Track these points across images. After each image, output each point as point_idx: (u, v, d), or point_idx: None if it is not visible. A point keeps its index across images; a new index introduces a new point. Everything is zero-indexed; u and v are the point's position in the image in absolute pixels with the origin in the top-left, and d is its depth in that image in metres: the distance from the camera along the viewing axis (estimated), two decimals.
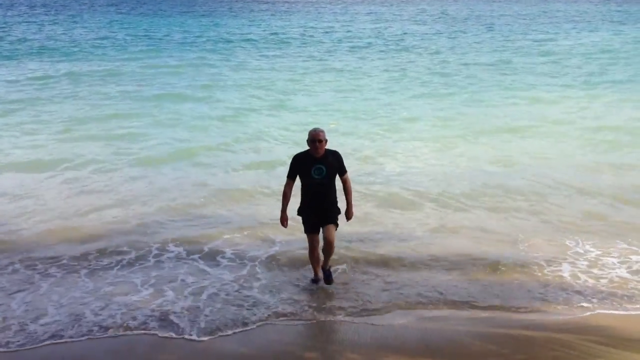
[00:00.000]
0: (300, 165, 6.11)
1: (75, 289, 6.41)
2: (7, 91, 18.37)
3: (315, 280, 6.59)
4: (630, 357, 4.96)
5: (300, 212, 6.34)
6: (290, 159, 6.25)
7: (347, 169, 6.30)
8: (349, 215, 6.39)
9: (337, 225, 6.25)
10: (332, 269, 6.61)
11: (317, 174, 6.05)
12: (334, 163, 6.13)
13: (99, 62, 24.52)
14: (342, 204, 6.33)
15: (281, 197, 6.24)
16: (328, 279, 6.47)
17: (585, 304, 6.09)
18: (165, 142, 13.00)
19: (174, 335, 5.52)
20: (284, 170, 6.28)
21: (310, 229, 6.26)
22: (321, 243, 6.27)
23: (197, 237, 7.79)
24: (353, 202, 6.43)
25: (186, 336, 5.49)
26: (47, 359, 5.18)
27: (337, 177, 6.22)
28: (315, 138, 6.00)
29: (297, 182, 6.20)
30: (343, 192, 6.31)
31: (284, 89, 19.59)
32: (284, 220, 6.26)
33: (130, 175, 10.63)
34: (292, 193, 6.18)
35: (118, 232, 7.97)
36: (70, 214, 8.64)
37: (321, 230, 6.22)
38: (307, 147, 6.17)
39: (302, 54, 28.48)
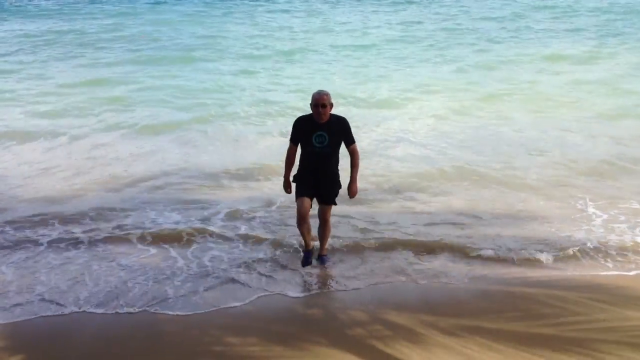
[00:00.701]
0: (302, 130, 5.62)
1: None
2: None
3: (306, 258, 6.00)
4: (626, 314, 4.98)
5: (296, 179, 5.84)
6: (293, 122, 5.76)
7: (354, 138, 5.73)
8: (352, 191, 5.75)
9: (335, 204, 5.87)
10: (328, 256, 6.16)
11: (319, 142, 5.55)
12: (339, 131, 5.60)
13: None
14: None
15: (284, 161, 5.80)
16: (324, 262, 6.06)
17: (584, 263, 6.08)
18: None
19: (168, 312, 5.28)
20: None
21: (303, 192, 5.71)
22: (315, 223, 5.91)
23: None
24: (358, 177, 5.79)
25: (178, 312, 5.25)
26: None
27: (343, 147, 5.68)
28: (319, 102, 5.45)
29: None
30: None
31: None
32: (287, 186, 5.87)
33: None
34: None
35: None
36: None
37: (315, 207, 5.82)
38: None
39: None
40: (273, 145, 10.03)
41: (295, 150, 5.76)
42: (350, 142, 5.67)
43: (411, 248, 6.41)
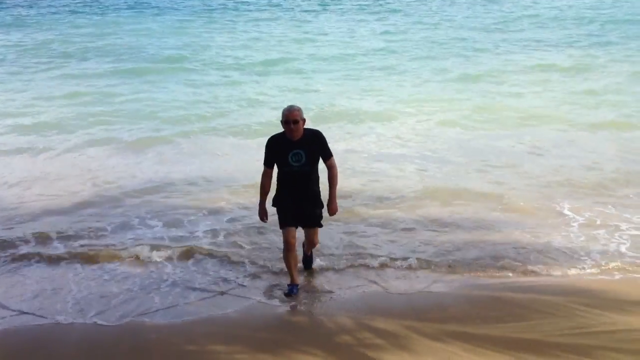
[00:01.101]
0: (275, 151, 5.27)
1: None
2: None
3: (290, 289, 5.56)
4: (612, 318, 5.02)
5: (275, 202, 5.50)
6: (265, 144, 5.37)
7: (331, 151, 5.40)
8: (331, 209, 5.48)
9: (321, 226, 5.63)
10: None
11: (295, 161, 5.19)
12: (315, 146, 5.25)
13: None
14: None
15: (259, 189, 5.46)
16: (309, 263, 6.00)
17: (571, 267, 6.12)
18: None
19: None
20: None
21: (287, 222, 5.38)
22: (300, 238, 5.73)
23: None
24: (337, 192, 5.53)
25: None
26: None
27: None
28: (290, 118, 5.11)
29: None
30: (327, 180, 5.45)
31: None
32: (263, 214, 5.50)
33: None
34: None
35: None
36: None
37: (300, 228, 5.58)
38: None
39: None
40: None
41: (271, 175, 5.42)
42: (327, 156, 5.35)
43: (395, 256, 6.41)
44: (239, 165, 9.67)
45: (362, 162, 9.73)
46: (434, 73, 17.15)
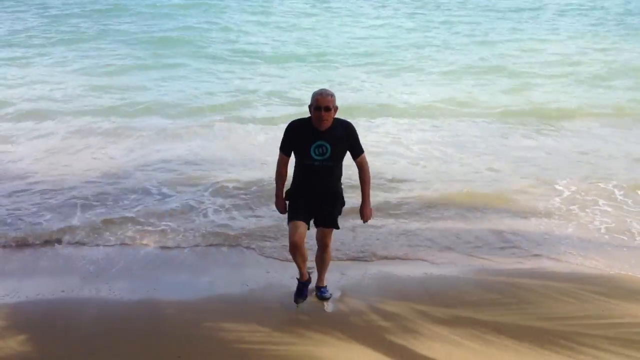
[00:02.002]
0: (296, 139, 4.60)
1: None
2: None
3: (300, 291, 5.01)
4: (627, 307, 5.00)
5: (289, 195, 4.85)
6: (285, 127, 4.71)
7: (363, 148, 4.75)
8: (366, 213, 4.81)
9: (337, 227, 4.86)
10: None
11: (318, 154, 4.53)
12: (344, 140, 4.59)
13: None
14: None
15: (274, 177, 4.87)
16: (323, 294, 5.13)
17: (584, 256, 6.09)
18: None
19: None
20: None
21: (297, 216, 4.69)
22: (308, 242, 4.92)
23: None
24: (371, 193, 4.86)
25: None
26: None
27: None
28: (321, 104, 4.42)
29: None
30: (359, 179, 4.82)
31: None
32: (282, 206, 4.87)
33: None
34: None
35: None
36: None
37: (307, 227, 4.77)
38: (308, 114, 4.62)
39: None
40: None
41: (287, 162, 4.77)
42: (358, 152, 4.70)
43: (406, 241, 6.45)
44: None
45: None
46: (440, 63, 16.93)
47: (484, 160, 9.15)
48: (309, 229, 4.76)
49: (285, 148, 4.70)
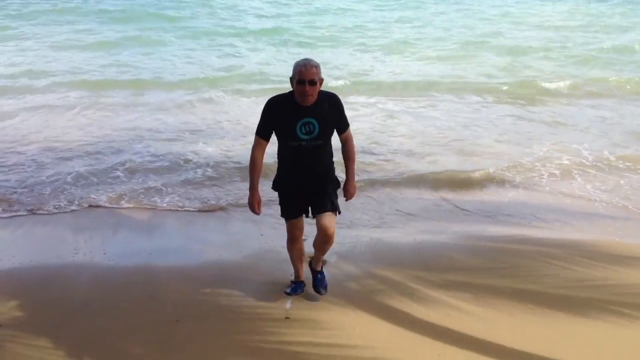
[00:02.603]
0: (278, 118, 4.03)
1: None
2: None
3: (294, 288, 4.65)
4: (619, 271, 5.12)
5: (276, 185, 4.36)
6: (263, 107, 4.08)
7: (349, 121, 4.28)
8: (349, 191, 4.41)
9: (338, 211, 4.32)
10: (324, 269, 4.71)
11: (306, 133, 4.00)
12: (332, 115, 4.08)
13: None
14: None
15: (248, 167, 4.19)
16: (319, 285, 4.57)
17: (574, 221, 6.24)
18: None
19: None
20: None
21: (291, 212, 4.30)
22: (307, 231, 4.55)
23: None
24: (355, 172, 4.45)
25: None
26: None
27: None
28: (305, 77, 3.86)
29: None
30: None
31: None
32: (255, 202, 4.20)
33: None
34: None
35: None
36: None
37: (310, 216, 4.36)
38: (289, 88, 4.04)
39: None
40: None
41: (264, 149, 4.14)
42: (344, 127, 4.22)
43: (397, 207, 6.52)
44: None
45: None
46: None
47: (472, 134, 9.25)
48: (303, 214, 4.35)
49: (264, 131, 4.09)
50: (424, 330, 4.21)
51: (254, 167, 4.15)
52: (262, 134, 4.10)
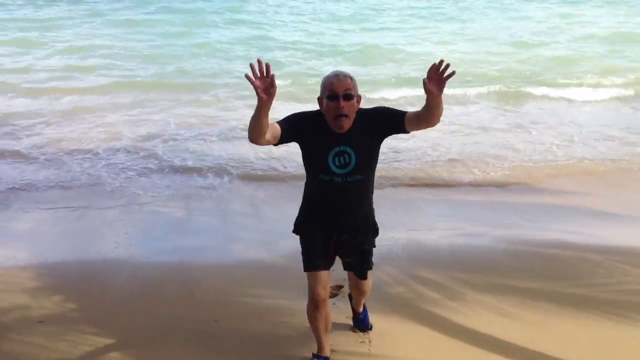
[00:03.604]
0: (309, 136, 3.17)
1: None
2: None
3: None
4: None
5: (299, 227, 3.51)
6: (290, 115, 3.23)
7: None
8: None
9: (370, 268, 3.59)
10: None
11: (340, 165, 3.16)
12: (374, 134, 3.20)
13: None
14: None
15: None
16: (359, 325, 4.02)
17: (611, 226, 6.07)
18: None
19: None
20: None
21: (315, 263, 3.38)
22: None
23: None
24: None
25: None
26: None
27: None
28: (338, 90, 3.03)
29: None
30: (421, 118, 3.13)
31: None
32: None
33: None
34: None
35: None
36: None
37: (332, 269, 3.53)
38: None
39: None
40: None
41: (273, 128, 3.05)
42: (401, 114, 3.17)
43: (431, 210, 6.50)
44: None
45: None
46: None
47: (508, 134, 9.13)
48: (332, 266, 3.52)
49: (285, 128, 3.11)
50: (466, 337, 4.09)
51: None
52: (282, 123, 3.13)
